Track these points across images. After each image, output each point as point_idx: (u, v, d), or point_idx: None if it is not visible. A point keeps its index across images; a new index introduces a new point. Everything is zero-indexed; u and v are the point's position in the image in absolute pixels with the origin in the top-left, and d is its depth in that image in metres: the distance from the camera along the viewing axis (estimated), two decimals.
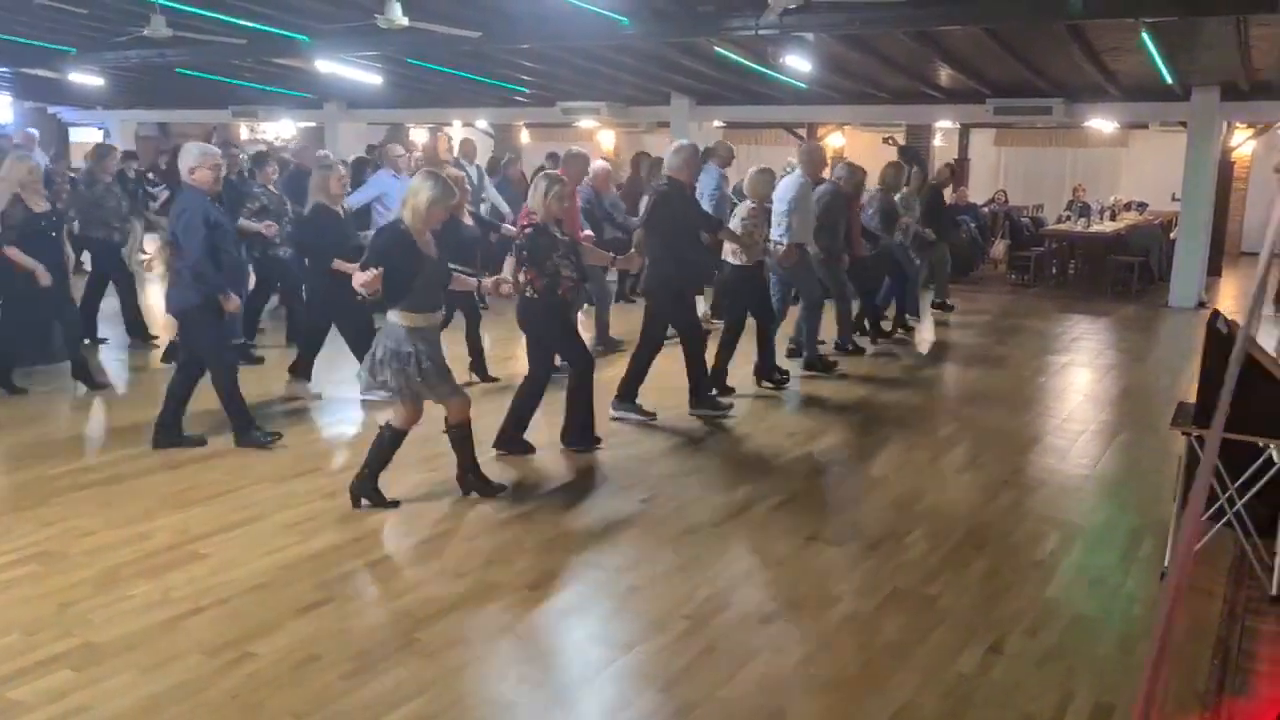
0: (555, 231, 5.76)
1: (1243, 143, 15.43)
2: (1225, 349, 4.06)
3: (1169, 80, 11.15)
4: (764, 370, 7.77)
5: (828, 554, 4.67)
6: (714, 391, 7.10)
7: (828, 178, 9.02)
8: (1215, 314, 4.47)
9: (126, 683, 3.40)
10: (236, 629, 3.79)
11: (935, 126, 17.13)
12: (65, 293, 7.30)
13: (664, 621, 3.95)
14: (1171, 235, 14.04)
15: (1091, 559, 4.71)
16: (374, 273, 4.62)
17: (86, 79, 14.57)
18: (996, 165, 20.41)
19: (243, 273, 8.04)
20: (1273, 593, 4.15)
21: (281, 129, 21.53)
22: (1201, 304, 12.16)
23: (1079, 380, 8.59)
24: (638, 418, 6.64)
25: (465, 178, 8.45)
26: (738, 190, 9.80)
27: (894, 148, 17.00)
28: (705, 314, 9.20)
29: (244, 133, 20.42)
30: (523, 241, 5.73)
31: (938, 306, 11.57)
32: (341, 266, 6.44)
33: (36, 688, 3.35)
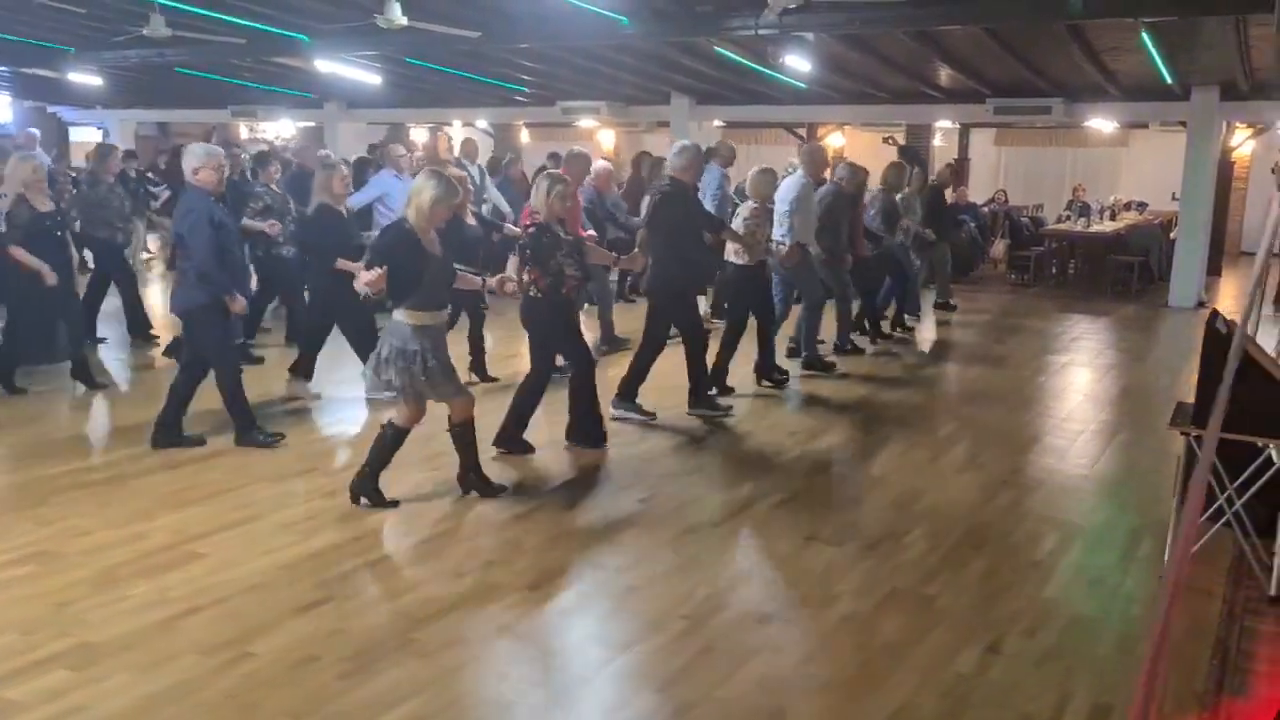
0: (559, 231, 5.76)
1: (1242, 143, 15.43)
2: (1224, 349, 4.04)
3: (1169, 80, 11.15)
4: (764, 369, 7.78)
5: (827, 554, 4.66)
6: (714, 391, 7.11)
7: (830, 178, 9.03)
8: (1214, 314, 4.47)
9: (123, 683, 3.40)
10: (234, 629, 3.79)
11: (935, 126, 17.11)
12: (71, 292, 7.30)
13: (662, 621, 3.94)
14: (1171, 235, 14.03)
15: (1090, 559, 4.71)
16: (378, 271, 4.63)
17: (86, 78, 14.56)
18: (996, 165, 20.40)
19: (245, 273, 8.04)
20: (1271, 593, 4.15)
21: (281, 129, 21.54)
22: (1201, 304, 12.15)
23: (1078, 380, 8.59)
24: (638, 417, 6.64)
25: (468, 177, 8.45)
26: (739, 190, 9.80)
27: (894, 147, 17.00)
28: (705, 314, 9.19)
29: (243, 132, 20.41)
30: (526, 241, 5.74)
31: (940, 306, 11.57)
32: (345, 265, 6.46)
33: (33, 687, 3.35)
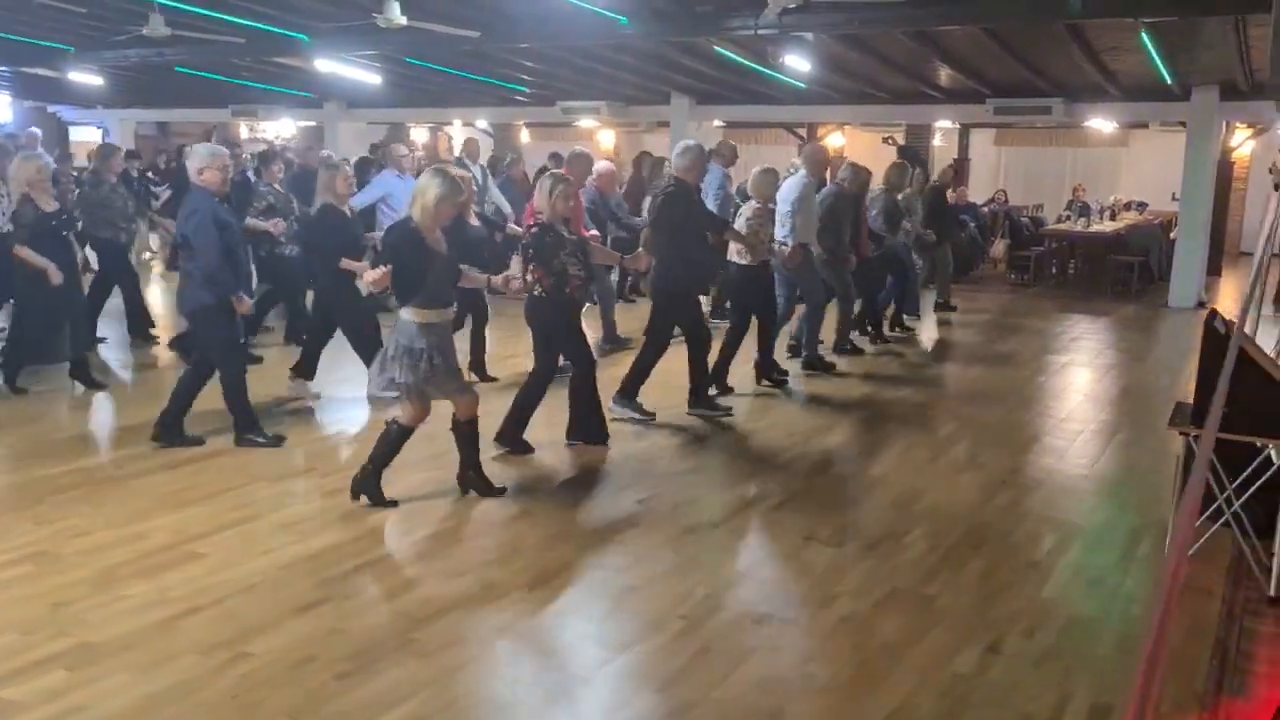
0: (562, 231, 5.77)
1: (1242, 143, 15.43)
2: (1223, 349, 4.05)
3: (1169, 80, 11.15)
4: (764, 369, 7.78)
5: (826, 554, 4.66)
6: (714, 392, 7.10)
7: (832, 178, 9.02)
8: (1213, 313, 4.47)
9: (122, 683, 3.40)
10: (233, 629, 3.78)
11: (935, 126, 17.11)
12: (76, 291, 7.29)
13: (661, 621, 3.94)
14: (1171, 235, 14.03)
15: (1090, 559, 4.71)
16: (383, 270, 4.64)
17: (86, 78, 14.57)
18: (996, 165, 20.39)
19: (249, 273, 8.05)
20: (1271, 593, 4.14)
21: (281, 128, 21.53)
22: (1201, 304, 12.13)
23: (1078, 380, 8.59)
24: (638, 417, 6.64)
25: (471, 177, 8.45)
26: (741, 190, 9.79)
27: (894, 147, 16.99)
28: (705, 314, 9.18)
29: (244, 132, 20.42)
30: (529, 241, 5.75)
31: (939, 307, 11.56)
32: (348, 265, 6.46)
33: (32, 688, 3.35)
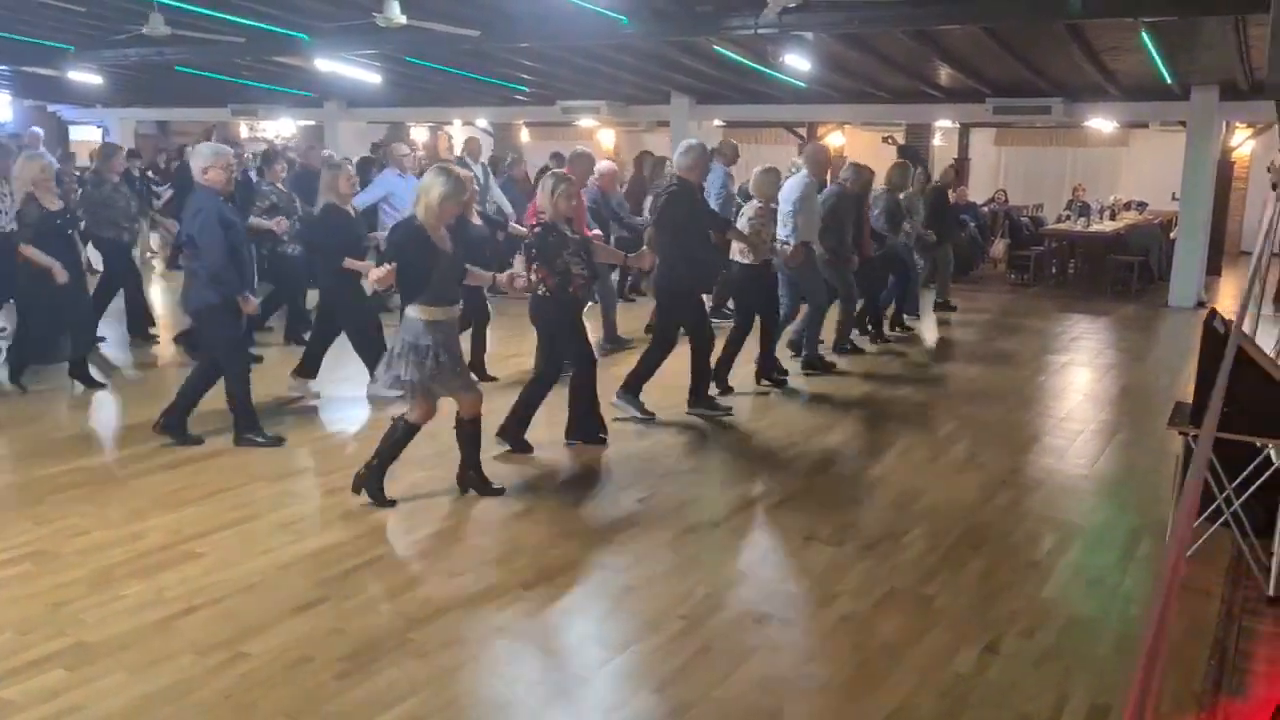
0: (565, 230, 5.77)
1: (1242, 142, 15.42)
2: (1222, 348, 4.05)
3: (1168, 80, 11.14)
4: (764, 369, 7.77)
5: (826, 554, 4.65)
6: (715, 391, 7.09)
7: (834, 178, 9.02)
8: (1212, 313, 4.46)
9: (119, 682, 3.40)
10: (231, 629, 3.78)
11: (935, 126, 17.10)
12: (81, 291, 7.29)
13: (661, 621, 3.94)
14: (1171, 235, 14.02)
15: (1089, 559, 4.70)
16: (387, 268, 4.64)
17: (86, 77, 14.56)
18: (996, 165, 20.38)
19: (252, 272, 8.05)
20: (1270, 593, 4.14)
21: (281, 127, 21.54)
22: (1201, 303, 12.13)
23: (1078, 379, 8.58)
24: (639, 415, 6.63)
25: (473, 176, 8.43)
26: (743, 190, 9.79)
27: (894, 147, 16.98)
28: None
29: (243, 131, 20.42)
30: (532, 240, 5.75)
31: (939, 307, 11.56)
32: (351, 265, 6.45)
33: (29, 687, 3.35)
